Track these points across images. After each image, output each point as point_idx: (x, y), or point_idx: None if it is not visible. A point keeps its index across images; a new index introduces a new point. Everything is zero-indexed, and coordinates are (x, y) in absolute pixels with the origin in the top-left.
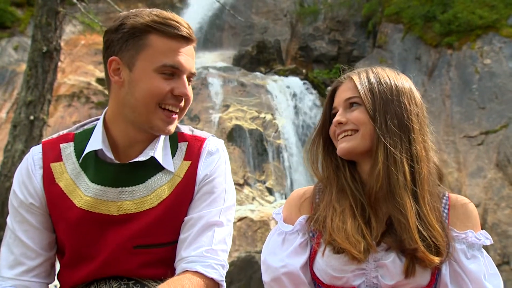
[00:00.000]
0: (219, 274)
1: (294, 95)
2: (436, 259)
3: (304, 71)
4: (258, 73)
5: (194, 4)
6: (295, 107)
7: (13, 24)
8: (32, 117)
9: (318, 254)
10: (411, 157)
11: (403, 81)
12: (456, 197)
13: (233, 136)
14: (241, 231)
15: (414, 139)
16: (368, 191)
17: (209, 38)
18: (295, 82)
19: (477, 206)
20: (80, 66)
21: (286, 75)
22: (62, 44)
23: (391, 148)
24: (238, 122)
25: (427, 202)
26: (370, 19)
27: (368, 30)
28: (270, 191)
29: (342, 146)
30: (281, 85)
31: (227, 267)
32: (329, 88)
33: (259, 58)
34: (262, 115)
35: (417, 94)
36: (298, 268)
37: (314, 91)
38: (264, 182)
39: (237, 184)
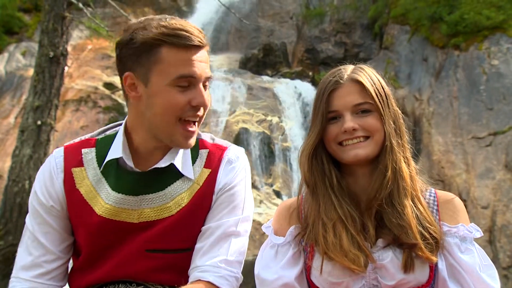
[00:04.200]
0: (231, 286)
1: (301, 97)
2: (434, 258)
3: (310, 73)
4: (264, 76)
5: (200, 8)
6: (302, 109)
7: (21, 30)
8: (39, 122)
9: (313, 263)
10: (405, 160)
11: (385, 83)
12: (443, 193)
13: (240, 139)
14: (249, 234)
15: (405, 142)
16: (368, 197)
17: (215, 42)
18: (301, 85)
19: (486, 207)
20: (87, 71)
21: (293, 78)
22: (69, 49)
23: (398, 154)
24: (245, 125)
25: (422, 201)
26: (376, 21)
27: (374, 32)
28: (277, 194)
29: (358, 152)
30: (287, 87)
31: (241, 280)
32: None
33: (266, 61)
34: (269, 118)
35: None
36: (293, 279)
37: None
38: (272, 185)
39: None
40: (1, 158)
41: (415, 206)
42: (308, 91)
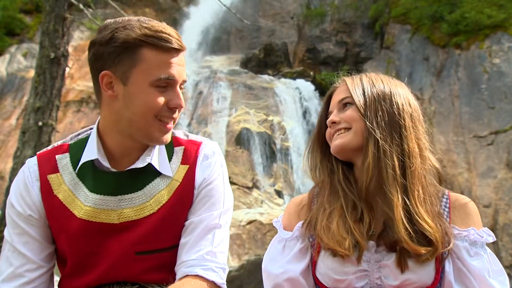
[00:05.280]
0: (220, 277)
1: (302, 97)
2: (422, 249)
3: (311, 73)
4: (265, 76)
5: (201, 8)
6: (303, 109)
7: (22, 31)
8: (40, 123)
9: (319, 258)
10: (401, 152)
11: (397, 85)
12: (457, 196)
13: (241, 139)
14: (251, 234)
15: (406, 136)
16: (360, 186)
17: (216, 42)
18: (302, 85)
19: (487, 206)
20: (88, 72)
21: (294, 78)
22: (70, 50)
23: (381, 142)
24: (246, 125)
25: (417, 196)
26: (377, 20)
27: (375, 31)
28: (279, 193)
29: (335, 143)
30: (288, 87)
31: (227, 270)
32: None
33: (267, 61)
34: (270, 118)
35: (411, 98)
36: (298, 273)
37: (321, 93)
38: (273, 185)
39: (245, 187)
40: (3, 159)
41: (407, 199)
42: (309, 91)
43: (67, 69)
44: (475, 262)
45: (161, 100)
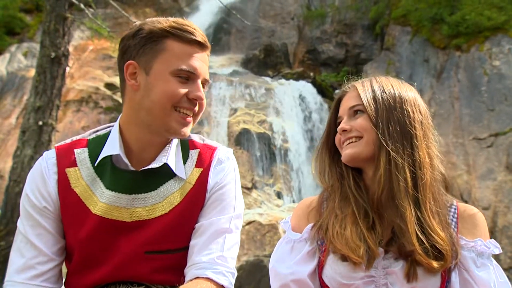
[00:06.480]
0: (229, 282)
1: (302, 98)
2: (435, 263)
3: (311, 74)
4: (265, 77)
5: (201, 9)
6: (303, 110)
7: (22, 30)
8: (40, 123)
9: (326, 261)
10: (413, 163)
11: (407, 90)
12: (465, 207)
13: (240, 140)
14: (250, 235)
15: (417, 146)
16: (372, 196)
17: (216, 42)
18: (302, 86)
19: (487, 208)
20: (88, 72)
21: (294, 79)
22: (70, 49)
23: (393, 154)
24: (245, 126)
25: (429, 208)
26: (377, 22)
27: (375, 33)
28: (278, 194)
29: (347, 152)
30: (288, 88)
31: (235, 275)
32: (337, 91)
33: (267, 61)
34: (270, 119)
35: (421, 103)
36: (306, 275)
37: (321, 95)
38: (272, 186)
39: (245, 187)
40: (3, 158)
41: (419, 212)
42: (309, 92)
43: (68, 69)
44: (481, 273)
45: (181, 90)
